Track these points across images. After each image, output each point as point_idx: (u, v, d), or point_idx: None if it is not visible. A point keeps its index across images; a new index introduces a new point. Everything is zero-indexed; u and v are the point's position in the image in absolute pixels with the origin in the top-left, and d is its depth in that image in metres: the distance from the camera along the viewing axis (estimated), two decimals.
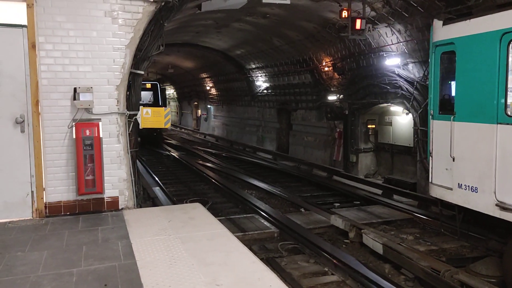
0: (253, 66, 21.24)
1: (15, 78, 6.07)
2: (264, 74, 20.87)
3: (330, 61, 15.04)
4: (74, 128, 6.28)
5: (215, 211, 10.14)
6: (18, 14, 6.00)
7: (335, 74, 15.04)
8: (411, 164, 13.12)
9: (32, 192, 6.20)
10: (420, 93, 11.19)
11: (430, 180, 7.56)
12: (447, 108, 7.29)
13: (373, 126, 14.77)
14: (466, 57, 6.72)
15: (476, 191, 6.46)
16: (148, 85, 24.34)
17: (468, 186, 6.60)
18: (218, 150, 23.33)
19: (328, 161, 16.57)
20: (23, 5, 6.01)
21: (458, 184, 6.79)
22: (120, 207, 6.66)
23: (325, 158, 16.81)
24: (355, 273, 6.65)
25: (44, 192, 6.27)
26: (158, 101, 24.25)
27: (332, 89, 15.66)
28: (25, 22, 6.03)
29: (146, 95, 24.33)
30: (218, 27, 16.58)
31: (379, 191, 12.34)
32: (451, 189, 6.97)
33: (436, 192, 7.40)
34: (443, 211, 7.71)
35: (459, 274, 6.14)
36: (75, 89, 6.29)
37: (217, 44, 20.40)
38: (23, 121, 6.10)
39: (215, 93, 29.33)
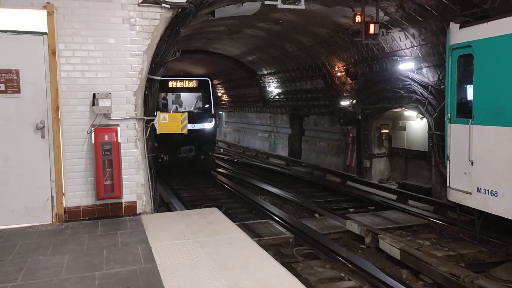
0: (265, 72, 21.27)
1: (36, 84, 6.16)
2: (276, 80, 20.89)
3: (343, 66, 15.02)
4: (93, 133, 6.35)
5: (229, 217, 9.98)
6: (39, 22, 6.10)
7: (348, 79, 15.00)
8: (426, 169, 13.00)
9: (52, 197, 6.27)
10: (435, 97, 11.11)
11: (447, 185, 7.49)
12: (465, 111, 7.25)
13: (387, 131, 14.67)
14: (484, 59, 6.67)
15: (495, 195, 6.39)
16: (192, 83, 14.94)
17: (488, 190, 6.53)
18: (230, 156, 23.35)
19: (341, 166, 16.50)
20: (44, 13, 6.11)
21: (477, 188, 6.73)
22: (137, 212, 6.70)
23: (338, 164, 16.74)
24: (372, 279, 6.60)
25: (63, 197, 6.33)
26: (211, 108, 15.19)
27: (344, 94, 15.62)
28: (45, 30, 6.13)
29: (188, 99, 15.97)
30: (230, 34, 16.66)
31: (394, 196, 12.26)
32: (470, 193, 6.91)
33: (454, 197, 7.33)
34: (461, 215, 7.63)
35: (480, 280, 6.06)
36: (94, 95, 6.37)
37: (229, 50, 20.49)
38: (44, 126, 6.18)
39: (226, 99, 29.43)
